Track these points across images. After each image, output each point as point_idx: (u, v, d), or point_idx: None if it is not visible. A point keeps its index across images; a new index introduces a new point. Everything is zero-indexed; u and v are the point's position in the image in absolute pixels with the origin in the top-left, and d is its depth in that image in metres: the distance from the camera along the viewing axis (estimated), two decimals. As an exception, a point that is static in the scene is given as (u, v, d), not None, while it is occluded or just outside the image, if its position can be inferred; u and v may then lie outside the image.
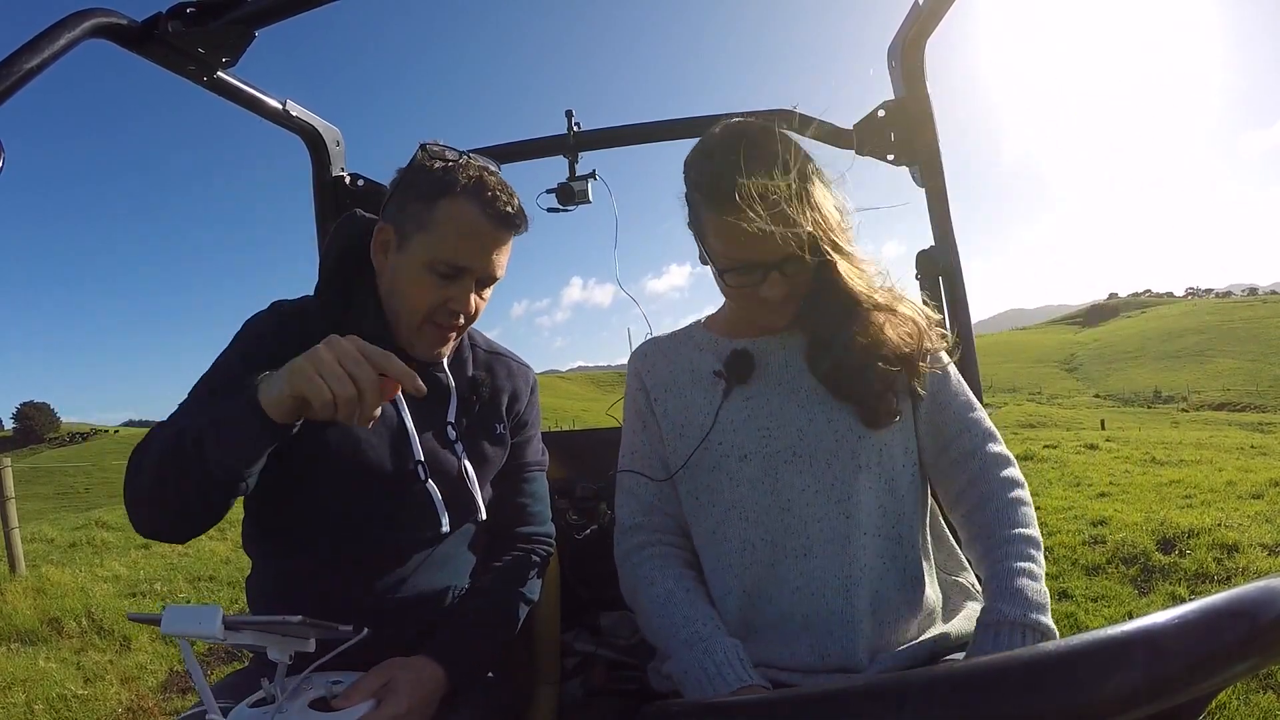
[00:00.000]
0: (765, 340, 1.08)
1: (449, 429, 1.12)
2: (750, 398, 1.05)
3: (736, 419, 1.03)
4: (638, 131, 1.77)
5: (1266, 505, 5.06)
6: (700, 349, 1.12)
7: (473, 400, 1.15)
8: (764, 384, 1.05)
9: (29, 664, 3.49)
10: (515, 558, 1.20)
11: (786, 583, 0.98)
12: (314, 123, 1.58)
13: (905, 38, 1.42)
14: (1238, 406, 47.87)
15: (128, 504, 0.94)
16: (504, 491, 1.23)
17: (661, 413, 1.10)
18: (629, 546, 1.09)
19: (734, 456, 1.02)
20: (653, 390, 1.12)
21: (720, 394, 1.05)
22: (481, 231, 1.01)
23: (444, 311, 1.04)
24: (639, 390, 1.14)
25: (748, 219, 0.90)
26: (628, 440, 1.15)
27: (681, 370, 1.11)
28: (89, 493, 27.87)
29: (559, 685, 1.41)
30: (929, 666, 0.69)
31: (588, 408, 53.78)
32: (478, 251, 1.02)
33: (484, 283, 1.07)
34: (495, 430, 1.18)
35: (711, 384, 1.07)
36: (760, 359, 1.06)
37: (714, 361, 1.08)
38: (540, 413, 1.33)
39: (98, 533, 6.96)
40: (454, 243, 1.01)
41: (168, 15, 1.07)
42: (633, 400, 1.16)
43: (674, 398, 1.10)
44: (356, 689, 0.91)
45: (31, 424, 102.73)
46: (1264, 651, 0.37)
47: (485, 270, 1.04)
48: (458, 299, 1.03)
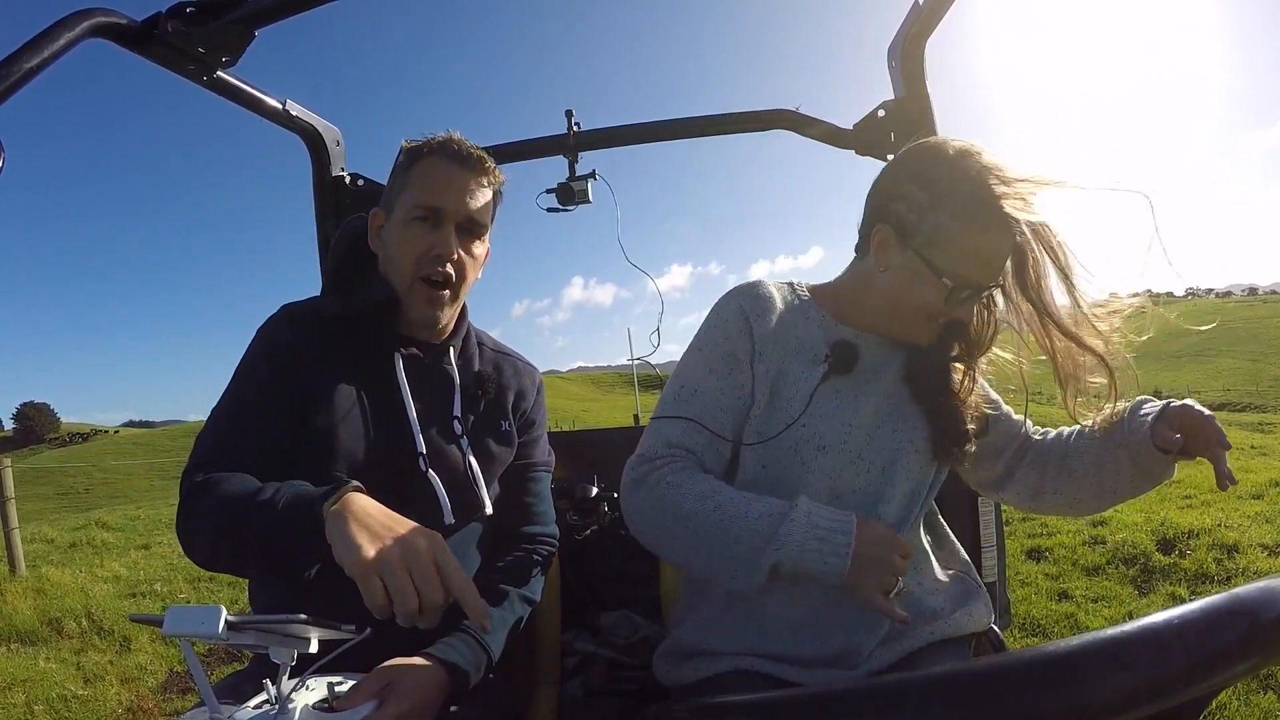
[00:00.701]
0: (868, 337, 1.06)
1: (455, 423, 1.13)
2: (840, 391, 1.04)
3: (826, 408, 1.02)
4: (638, 131, 1.77)
5: (1266, 505, 5.05)
6: (809, 320, 1.07)
7: (478, 396, 1.16)
8: (855, 380, 1.05)
9: (29, 664, 3.49)
10: (518, 557, 1.20)
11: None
12: (314, 123, 1.58)
13: (905, 37, 1.42)
14: (1238, 406, 47.88)
15: (186, 546, 0.96)
16: (510, 490, 1.23)
17: (762, 370, 1.03)
18: (645, 470, 0.99)
19: (813, 444, 1.01)
20: (759, 341, 1.03)
21: (819, 377, 1.03)
22: (449, 173, 1.07)
23: (430, 260, 1.06)
24: (742, 333, 1.03)
25: (1004, 239, 0.94)
26: (697, 379, 1.03)
27: (789, 335, 1.05)
28: (89, 493, 27.87)
29: (559, 685, 1.41)
30: (929, 667, 0.69)
31: (588, 408, 53.83)
32: (446, 190, 1.07)
33: (465, 229, 1.09)
34: (501, 427, 1.19)
35: (812, 363, 1.04)
36: (863, 353, 1.05)
37: (821, 342, 1.05)
38: (547, 413, 1.33)
39: (98, 533, 6.96)
40: (426, 187, 1.07)
41: (168, 15, 1.08)
42: (728, 340, 1.03)
43: (775, 359, 1.03)
44: (359, 690, 0.90)
45: (31, 424, 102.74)
46: (1264, 651, 0.37)
47: (458, 208, 1.07)
48: (439, 244, 1.06)
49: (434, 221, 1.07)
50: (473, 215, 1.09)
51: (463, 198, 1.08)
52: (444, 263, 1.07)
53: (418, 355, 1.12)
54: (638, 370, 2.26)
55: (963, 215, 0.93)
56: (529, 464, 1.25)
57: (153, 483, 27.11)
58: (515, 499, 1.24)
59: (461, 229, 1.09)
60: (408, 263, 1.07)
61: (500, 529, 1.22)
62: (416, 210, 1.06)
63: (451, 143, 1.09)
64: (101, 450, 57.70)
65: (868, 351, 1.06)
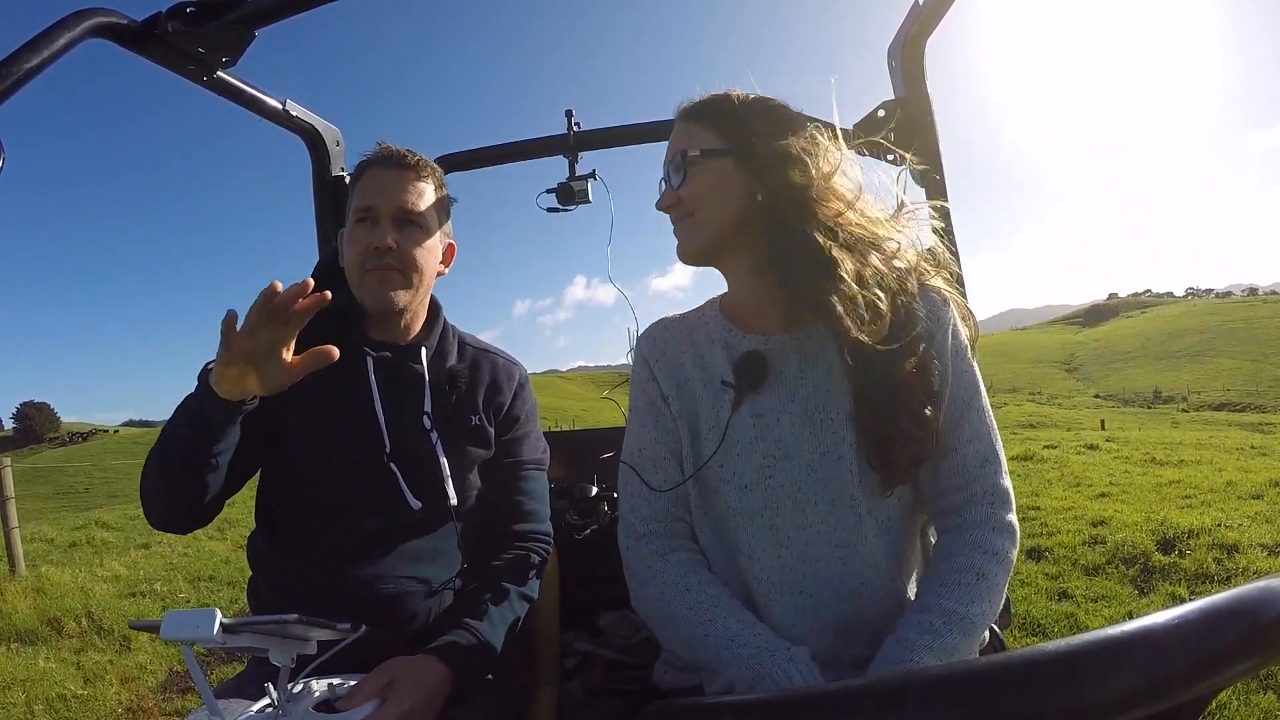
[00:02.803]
0: (778, 340, 0.97)
1: (425, 418, 1.17)
2: (760, 415, 0.96)
3: (743, 439, 0.96)
4: (638, 131, 1.77)
5: (1266, 505, 5.06)
6: (712, 340, 1.02)
7: (447, 391, 1.20)
8: (776, 397, 0.96)
9: (29, 664, 3.49)
10: (513, 556, 1.21)
11: (786, 617, 0.95)
12: (314, 123, 1.58)
13: (905, 37, 1.42)
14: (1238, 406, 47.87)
15: (142, 506, 1.09)
16: (499, 488, 1.24)
17: (676, 411, 1.02)
18: (647, 552, 1.00)
19: (734, 485, 0.96)
20: (663, 384, 1.03)
21: (729, 405, 0.97)
22: (379, 175, 1.17)
23: (370, 255, 1.14)
24: (649, 380, 1.04)
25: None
26: (636, 433, 1.05)
27: (691, 365, 1.02)
28: (89, 493, 27.87)
29: (559, 685, 1.41)
30: (929, 666, 0.69)
31: (588, 408, 53.73)
32: (378, 191, 1.16)
33: (403, 221, 1.16)
34: (471, 421, 1.21)
35: (720, 390, 0.99)
36: (774, 363, 0.97)
37: (725, 362, 0.99)
38: (536, 410, 1.33)
39: (98, 533, 6.96)
40: (363, 192, 1.17)
41: (168, 15, 1.07)
42: (642, 390, 1.05)
43: (683, 399, 1.02)
44: (360, 690, 0.91)
45: (31, 424, 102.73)
46: (1264, 651, 0.37)
47: (388, 203, 1.15)
48: (376, 239, 1.14)
49: (371, 220, 1.15)
50: (405, 208, 1.16)
51: (394, 194, 1.16)
52: (381, 255, 1.14)
53: (388, 357, 1.18)
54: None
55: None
56: (517, 461, 1.26)
57: (153, 482, 27.03)
58: (505, 497, 1.24)
59: (399, 222, 1.16)
60: (355, 262, 1.16)
61: (492, 528, 1.23)
62: (358, 214, 1.16)
63: (382, 150, 1.20)
64: (101, 450, 57.68)
65: (780, 356, 0.97)
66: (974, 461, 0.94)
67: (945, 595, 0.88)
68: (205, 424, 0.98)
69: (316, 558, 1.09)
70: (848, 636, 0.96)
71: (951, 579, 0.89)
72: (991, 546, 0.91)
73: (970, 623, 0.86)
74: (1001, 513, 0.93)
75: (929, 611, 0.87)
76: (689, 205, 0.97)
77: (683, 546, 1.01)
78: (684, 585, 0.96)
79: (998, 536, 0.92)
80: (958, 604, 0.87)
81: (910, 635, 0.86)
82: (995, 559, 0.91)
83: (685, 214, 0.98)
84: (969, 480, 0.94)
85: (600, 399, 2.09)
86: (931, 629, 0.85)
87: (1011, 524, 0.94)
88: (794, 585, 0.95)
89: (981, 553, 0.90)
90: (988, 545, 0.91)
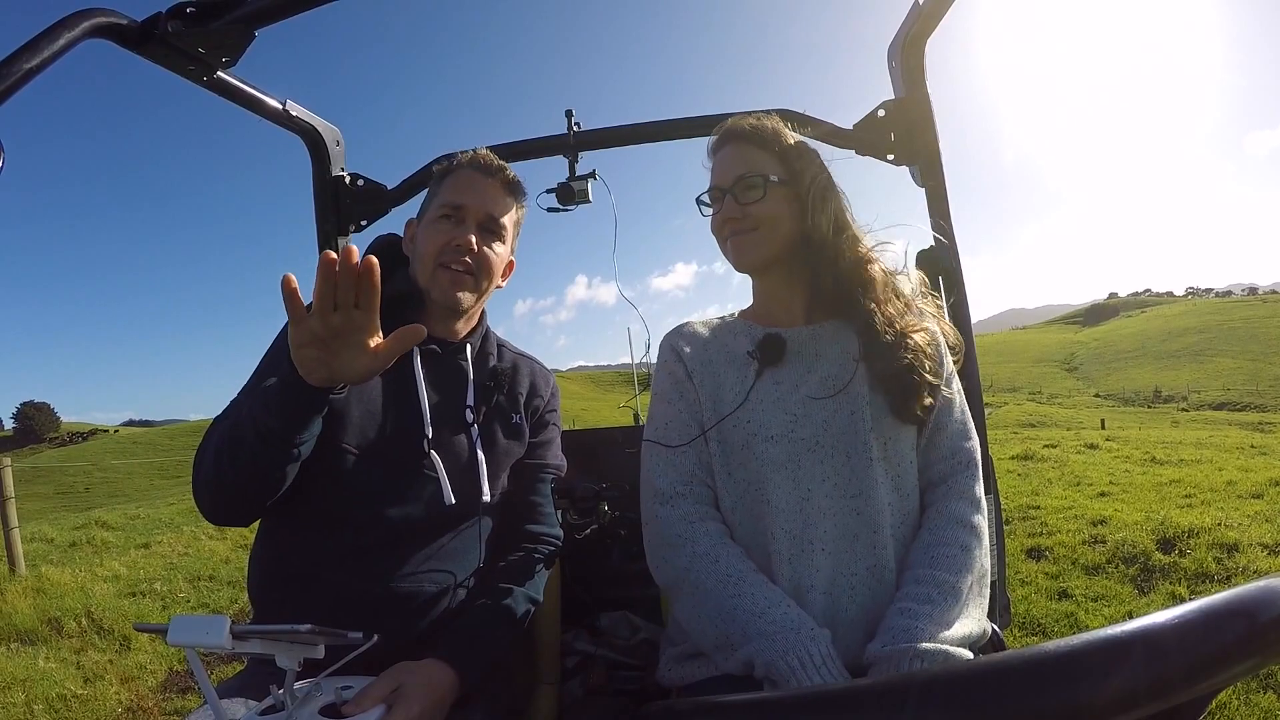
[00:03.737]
0: (798, 330, 1.11)
1: (467, 412, 1.20)
2: (780, 382, 1.08)
3: (766, 400, 1.06)
4: (638, 131, 1.77)
5: (1266, 505, 5.06)
6: (735, 333, 1.16)
7: (491, 389, 1.23)
8: (794, 370, 1.09)
9: (29, 664, 3.49)
10: (521, 556, 1.22)
11: (802, 579, 0.99)
12: (314, 123, 1.58)
13: (905, 37, 1.42)
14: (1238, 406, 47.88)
15: (195, 493, 1.04)
16: (519, 488, 1.26)
17: (699, 384, 1.12)
18: (675, 517, 1.05)
19: (761, 436, 1.04)
20: (689, 363, 1.14)
21: (753, 374, 1.09)
22: (473, 179, 1.22)
23: (450, 250, 1.17)
24: (675, 362, 1.15)
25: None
26: (660, 412, 1.14)
27: (716, 349, 1.15)
28: (89, 493, 27.88)
29: (559, 685, 1.41)
30: (929, 666, 0.69)
31: (588, 407, 53.78)
32: (470, 191, 1.20)
33: (485, 227, 1.20)
34: (512, 419, 1.25)
35: (745, 363, 1.10)
36: (792, 345, 1.10)
37: (748, 344, 1.12)
38: (561, 418, 1.37)
39: (98, 532, 6.96)
40: (453, 190, 1.21)
41: (168, 15, 1.08)
42: (668, 373, 1.16)
43: (709, 374, 1.12)
44: (367, 694, 0.90)
45: (31, 424, 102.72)
46: (1264, 651, 0.37)
47: (479, 206, 1.20)
48: (460, 236, 1.18)
49: (457, 219, 1.19)
50: (493, 214, 1.20)
51: (484, 198, 1.20)
52: (464, 253, 1.17)
53: (435, 351, 1.20)
54: (638, 371, 2.26)
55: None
56: (541, 464, 1.29)
57: (153, 482, 27.10)
58: (523, 497, 1.27)
59: (482, 228, 1.20)
60: (431, 254, 1.18)
61: (506, 526, 1.24)
62: (443, 209, 1.20)
63: (479, 157, 1.25)
64: (101, 449, 57.68)
65: (798, 342, 1.11)
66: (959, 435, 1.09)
67: (937, 566, 0.99)
68: (291, 412, 0.93)
69: (337, 541, 1.07)
70: (854, 585, 1.00)
71: (940, 551, 1.01)
72: (969, 520, 1.05)
73: (959, 593, 0.98)
74: (974, 486, 1.07)
75: (924, 584, 0.98)
76: (755, 222, 1.10)
77: (711, 515, 1.07)
78: (714, 556, 1.01)
79: (974, 510, 1.06)
80: (949, 574, 0.99)
81: (912, 605, 0.95)
82: (974, 533, 1.04)
83: (749, 229, 1.11)
84: (954, 451, 1.08)
85: (600, 399, 2.08)
86: (929, 599, 0.96)
87: (980, 499, 1.08)
88: (811, 537, 1.00)
89: (963, 527, 1.04)
90: (966, 518, 1.04)
